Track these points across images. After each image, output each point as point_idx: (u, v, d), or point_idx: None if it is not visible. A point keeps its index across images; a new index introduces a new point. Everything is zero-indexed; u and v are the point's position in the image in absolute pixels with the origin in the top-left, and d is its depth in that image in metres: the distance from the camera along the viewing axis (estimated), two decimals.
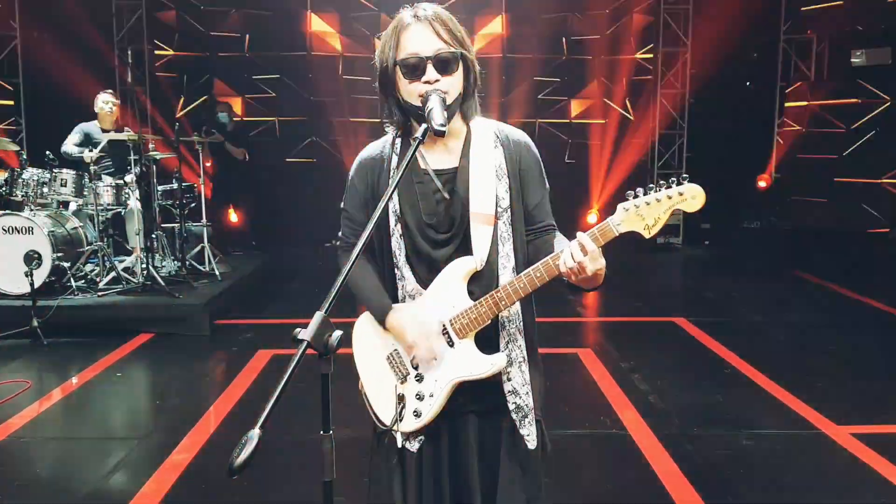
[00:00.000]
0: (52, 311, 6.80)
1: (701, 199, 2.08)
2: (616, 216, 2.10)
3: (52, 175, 7.47)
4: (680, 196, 2.08)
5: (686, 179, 2.09)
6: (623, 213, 2.10)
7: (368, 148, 2.41)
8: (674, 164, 11.97)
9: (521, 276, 2.17)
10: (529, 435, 2.32)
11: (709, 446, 4.64)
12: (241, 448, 1.52)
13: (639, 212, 2.09)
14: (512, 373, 2.30)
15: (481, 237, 2.23)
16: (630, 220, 2.09)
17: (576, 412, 5.25)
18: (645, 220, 2.09)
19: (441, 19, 2.17)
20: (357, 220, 2.39)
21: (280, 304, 8.36)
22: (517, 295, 2.17)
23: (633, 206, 2.09)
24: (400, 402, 2.28)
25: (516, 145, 2.32)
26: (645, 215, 2.09)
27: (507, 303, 2.19)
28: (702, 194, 2.08)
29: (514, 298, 2.18)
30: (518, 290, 2.17)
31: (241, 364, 6.19)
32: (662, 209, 2.09)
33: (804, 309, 8.25)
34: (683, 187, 2.08)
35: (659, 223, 2.09)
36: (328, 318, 1.72)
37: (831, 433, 4.79)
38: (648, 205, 2.08)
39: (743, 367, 6.06)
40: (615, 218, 2.10)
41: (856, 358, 6.55)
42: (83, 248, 7.63)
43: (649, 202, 2.08)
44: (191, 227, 8.62)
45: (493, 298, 2.19)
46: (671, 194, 2.08)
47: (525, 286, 2.16)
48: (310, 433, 4.47)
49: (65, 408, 5.45)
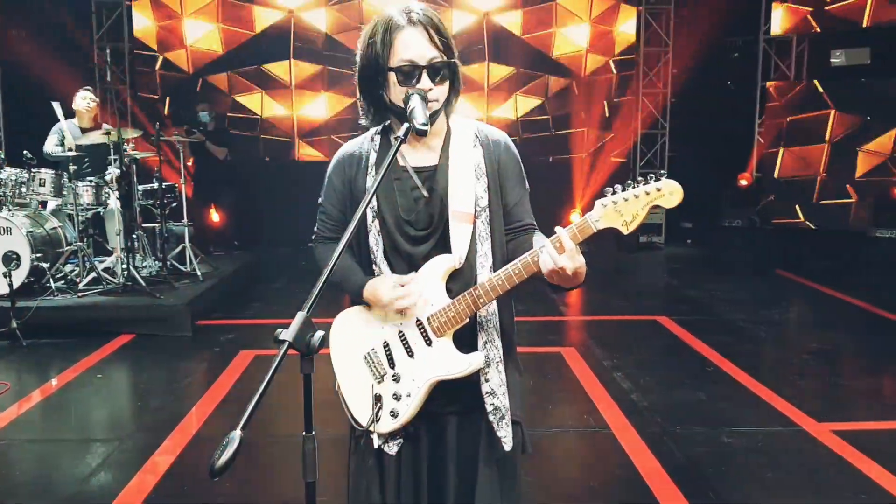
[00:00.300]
0: (32, 312, 6.73)
1: (678, 195, 2.08)
2: (594, 213, 2.10)
3: (31, 175, 7.40)
4: (658, 192, 2.08)
5: (664, 175, 2.09)
6: (601, 209, 2.10)
7: (348, 144, 2.40)
8: (656, 164, 12.02)
9: (500, 272, 2.16)
10: (506, 437, 2.30)
11: (691, 444, 4.66)
12: (222, 449, 1.51)
13: (617, 208, 2.09)
14: (490, 373, 2.28)
15: (460, 235, 2.22)
16: (608, 216, 2.09)
17: (559, 411, 5.27)
18: (623, 216, 2.09)
19: (434, 24, 2.16)
20: (333, 215, 2.39)
21: (262, 305, 8.33)
22: (495, 292, 2.17)
23: (612, 203, 2.09)
24: (377, 402, 2.27)
25: (496, 145, 2.32)
26: (623, 212, 2.08)
27: (486, 300, 2.18)
28: (679, 190, 2.08)
29: (492, 296, 2.18)
30: (496, 287, 2.16)
31: (223, 365, 6.16)
32: (640, 205, 2.08)
33: (785, 307, 8.32)
34: (661, 183, 2.08)
35: (637, 219, 2.09)
36: (310, 319, 1.72)
37: (812, 430, 4.82)
38: (626, 201, 2.08)
39: (725, 365, 6.09)
40: (593, 214, 2.10)
41: (836, 355, 6.61)
42: (63, 248, 7.55)
43: (627, 198, 2.08)
44: (172, 226, 8.57)
45: (471, 296, 2.18)
46: (649, 190, 2.08)
47: (503, 283, 2.15)
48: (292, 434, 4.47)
49: (45, 409, 5.40)
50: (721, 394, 5.54)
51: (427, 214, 2.25)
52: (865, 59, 10.16)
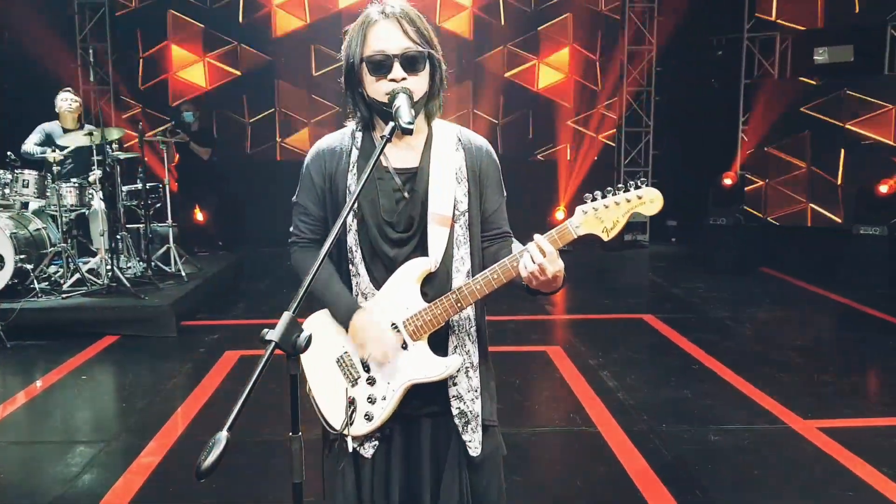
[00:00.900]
0: (16, 314, 6.69)
1: (659, 203, 2.10)
2: (575, 218, 2.12)
3: (14, 176, 7.34)
4: (639, 199, 2.10)
5: (645, 183, 2.11)
6: (582, 215, 2.11)
7: (326, 138, 2.37)
8: (640, 162, 12.05)
9: (479, 277, 2.16)
10: (472, 441, 2.28)
11: (677, 442, 4.68)
12: (209, 450, 1.50)
13: (597, 215, 2.11)
14: (458, 378, 2.27)
15: (437, 238, 2.21)
16: (589, 222, 2.11)
17: (545, 410, 5.27)
18: (604, 222, 2.11)
19: (409, 17, 2.15)
20: (313, 214, 2.34)
21: (247, 305, 8.31)
22: (474, 297, 2.16)
23: (592, 209, 2.11)
24: (351, 405, 2.25)
25: (478, 150, 2.32)
26: (604, 218, 2.11)
27: (464, 304, 2.18)
28: (660, 198, 2.10)
29: (470, 300, 2.17)
30: (475, 292, 2.16)
31: (208, 365, 6.13)
32: (621, 212, 2.11)
33: (770, 305, 8.35)
34: (642, 191, 2.10)
35: (617, 226, 2.11)
36: (296, 319, 1.71)
37: (798, 428, 4.85)
38: (607, 208, 2.10)
39: (710, 363, 6.12)
40: (574, 220, 2.12)
41: (821, 353, 6.65)
42: (46, 249, 7.50)
43: (608, 205, 2.10)
44: (156, 227, 8.53)
45: (448, 300, 2.17)
46: (630, 197, 2.10)
47: (482, 288, 2.15)
48: (278, 434, 4.45)
49: (29, 411, 5.36)
50: (707, 392, 5.56)
51: (407, 216, 2.24)
52: (849, 56, 10.21)
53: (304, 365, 2.34)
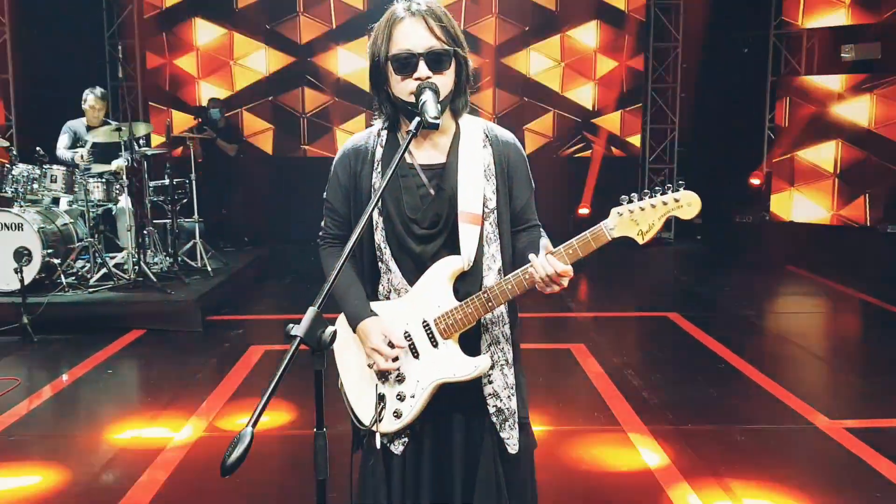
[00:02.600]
0: (42, 308, 6.76)
1: (696, 207, 2.05)
2: (610, 220, 2.09)
3: (43, 171, 7.42)
4: (675, 203, 2.06)
5: (682, 186, 2.07)
6: (617, 217, 2.08)
7: (353, 138, 2.38)
8: (665, 159, 11.98)
9: (510, 277, 2.15)
10: (510, 439, 2.29)
11: (703, 441, 4.64)
12: (233, 446, 1.51)
13: (633, 217, 2.07)
14: (493, 375, 2.27)
15: (469, 236, 2.20)
16: (624, 225, 2.08)
17: (568, 408, 5.25)
18: (639, 225, 2.07)
19: (435, 15, 2.14)
20: (340, 212, 2.36)
21: (272, 300, 8.35)
22: (505, 297, 2.15)
23: (627, 212, 2.07)
24: (380, 401, 2.25)
25: (505, 145, 2.31)
26: (639, 221, 2.07)
27: (496, 304, 2.17)
28: (697, 202, 2.05)
29: (501, 300, 2.16)
30: (506, 292, 2.15)
31: (233, 360, 6.17)
32: (657, 215, 2.07)
33: (796, 304, 8.27)
34: (679, 194, 2.06)
35: (653, 230, 2.08)
36: (321, 314, 1.71)
37: (825, 427, 4.79)
38: (643, 210, 2.06)
39: (736, 362, 6.06)
40: (609, 222, 2.09)
41: (848, 352, 6.58)
42: (74, 244, 7.58)
43: (644, 208, 2.06)
44: (183, 223, 8.59)
45: (480, 299, 2.16)
46: (666, 200, 2.06)
47: (513, 288, 2.14)
48: (303, 430, 4.47)
49: (55, 405, 5.42)
50: (733, 391, 5.51)
51: (433, 213, 2.23)
52: (877, 53, 10.08)
53: (337, 360, 2.36)
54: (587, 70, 11.86)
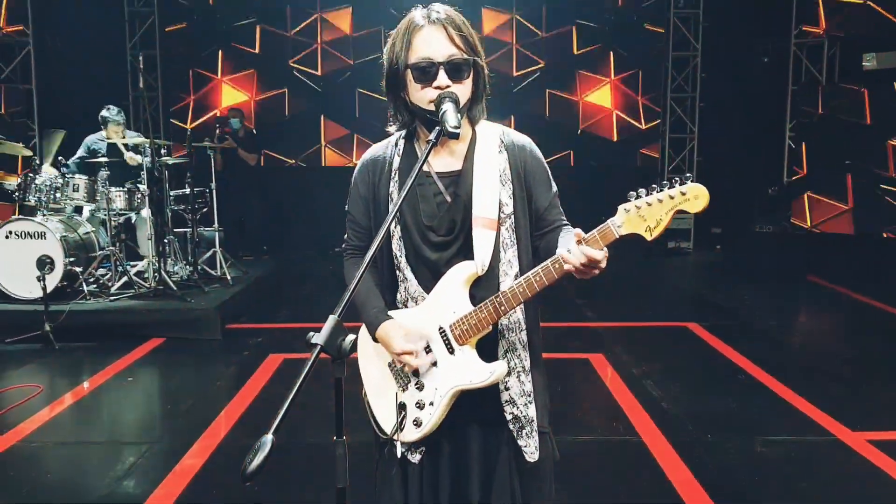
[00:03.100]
0: (64, 316, 6.81)
1: (704, 200, 1.99)
2: (617, 218, 2.04)
3: (65, 180, 7.50)
4: (682, 196, 2.00)
5: (690, 179, 2.01)
6: (624, 214, 2.03)
7: (372, 149, 2.39)
8: (684, 168, 11.93)
9: (521, 279, 2.13)
10: (528, 447, 2.27)
11: (723, 453, 4.60)
12: (254, 454, 1.51)
13: (640, 213, 2.01)
14: (510, 382, 2.26)
15: (483, 241, 2.19)
16: (631, 221, 2.02)
17: (588, 418, 5.22)
18: (647, 221, 2.01)
19: (455, 23, 2.15)
20: (361, 223, 2.37)
21: (291, 309, 8.37)
22: (517, 299, 2.13)
23: (634, 207, 2.02)
24: (401, 410, 2.24)
25: (521, 150, 2.30)
26: (647, 216, 2.01)
27: (508, 307, 2.14)
28: (705, 194, 1.99)
29: (513, 303, 2.14)
30: (517, 295, 2.12)
31: (252, 368, 6.19)
32: (664, 210, 2.01)
33: (818, 314, 8.20)
34: (686, 187, 2.00)
35: (661, 225, 2.01)
36: (341, 322, 1.71)
37: (847, 439, 4.74)
38: (650, 205, 2.01)
39: (756, 373, 6.01)
40: (616, 220, 2.04)
41: (870, 363, 6.50)
42: (95, 252, 7.64)
43: (651, 203, 2.01)
44: (203, 231, 8.64)
45: (492, 303, 2.14)
46: (673, 194, 2.00)
47: (524, 290, 2.11)
48: (323, 438, 4.47)
49: (76, 412, 5.45)
50: (753, 402, 5.47)
51: (449, 220, 2.23)
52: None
53: (361, 368, 2.37)
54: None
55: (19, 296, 7.18)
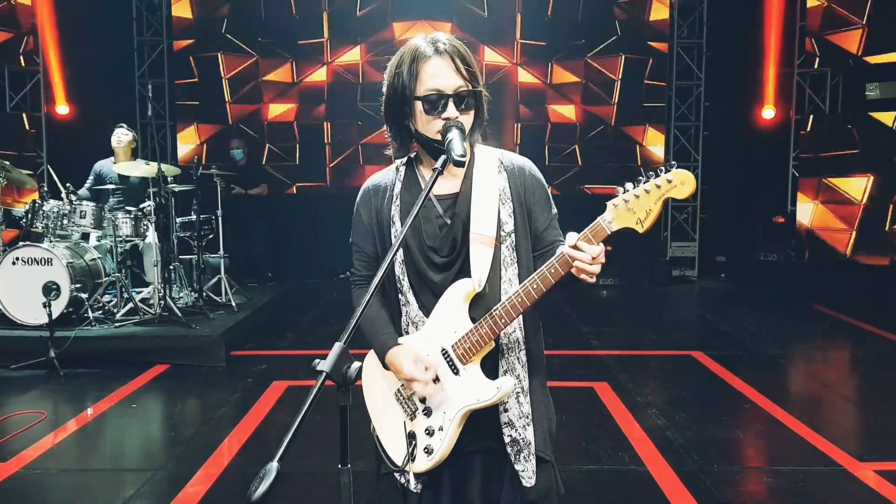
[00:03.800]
0: (69, 342, 6.82)
1: (690, 185, 2.02)
2: (607, 214, 2.06)
3: (72, 207, 7.54)
4: (668, 183, 2.02)
5: (674, 166, 2.04)
6: (613, 209, 2.05)
7: (373, 177, 2.41)
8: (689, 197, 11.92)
9: (518, 289, 2.12)
10: (525, 471, 2.24)
11: (729, 483, 4.57)
12: (259, 481, 1.50)
13: (629, 206, 2.03)
14: (509, 403, 2.24)
15: (480, 258, 2.20)
16: (621, 216, 2.04)
17: (592, 447, 5.19)
18: (636, 213, 2.03)
19: (460, 54, 2.19)
20: (366, 251, 2.39)
21: (295, 336, 8.37)
22: (515, 311, 2.12)
23: (623, 202, 2.04)
24: (411, 440, 2.23)
25: (520, 171, 2.32)
26: (636, 209, 2.03)
27: (507, 320, 2.13)
28: (691, 179, 2.02)
29: (512, 314, 2.13)
30: (516, 306, 2.12)
31: (256, 395, 6.18)
32: (653, 200, 2.03)
33: (823, 343, 8.17)
34: (671, 174, 2.03)
35: (651, 215, 2.03)
36: (347, 350, 1.71)
37: (854, 470, 4.71)
38: (638, 197, 2.03)
39: (762, 402, 5.98)
40: (606, 216, 2.05)
41: (877, 393, 6.47)
42: (101, 279, 7.67)
43: (638, 195, 2.03)
44: (208, 258, 8.67)
45: (491, 318, 2.14)
46: (659, 183, 2.03)
47: (522, 300, 2.11)
48: (327, 466, 4.46)
49: (80, 439, 5.45)
50: (759, 431, 5.45)
51: (450, 240, 2.25)
52: None
53: (367, 399, 2.36)
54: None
55: (25, 322, 7.19)
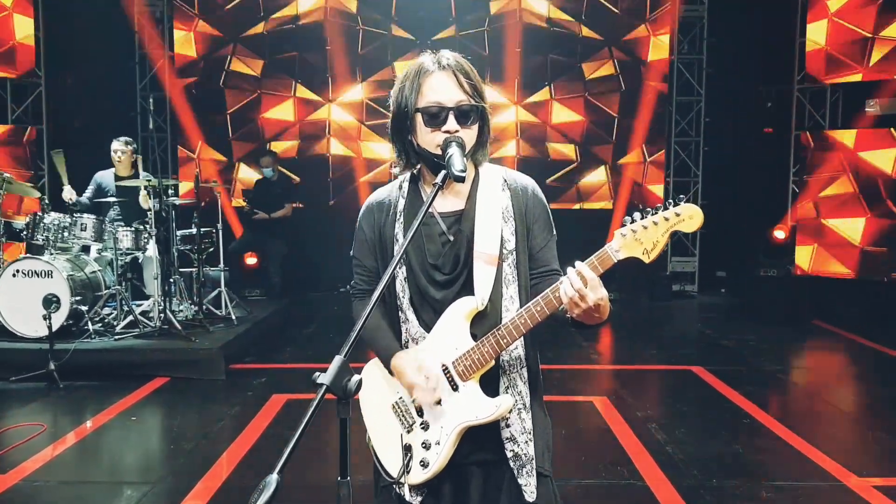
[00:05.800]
0: (69, 355, 6.81)
1: (698, 220, 2.06)
2: (614, 242, 2.08)
3: (73, 219, 7.55)
4: (677, 217, 2.05)
5: (683, 200, 2.07)
6: (621, 238, 2.07)
7: (376, 193, 2.43)
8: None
9: (522, 311, 2.14)
10: (528, 486, 2.24)
11: (728, 498, 4.57)
12: (259, 493, 1.50)
13: (637, 237, 2.06)
14: (511, 419, 2.25)
15: (483, 276, 2.21)
16: (628, 245, 2.07)
17: (592, 462, 5.18)
18: (643, 244, 2.06)
19: (463, 70, 2.21)
20: (367, 266, 2.40)
21: (294, 349, 8.36)
22: (518, 332, 2.14)
23: (631, 232, 2.06)
24: (407, 452, 2.24)
25: (523, 190, 2.33)
26: (643, 240, 2.06)
27: (509, 340, 2.15)
28: (699, 214, 2.06)
29: (515, 335, 2.15)
30: (519, 327, 2.13)
31: (255, 409, 6.17)
32: (660, 232, 2.05)
33: (823, 358, 8.16)
34: (680, 208, 2.06)
35: (658, 247, 2.06)
36: (347, 363, 1.72)
37: (853, 485, 4.70)
38: (646, 229, 2.06)
39: (762, 417, 5.98)
40: (613, 244, 2.08)
41: (877, 408, 6.47)
42: (101, 291, 7.67)
43: (646, 226, 2.06)
44: (208, 271, 8.67)
45: (493, 337, 2.15)
46: (668, 216, 2.05)
47: (526, 322, 2.13)
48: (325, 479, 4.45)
49: (79, 451, 5.44)
50: (759, 446, 5.43)
51: (453, 257, 2.25)
52: None
53: (363, 414, 2.36)
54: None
55: (25, 334, 7.18)
